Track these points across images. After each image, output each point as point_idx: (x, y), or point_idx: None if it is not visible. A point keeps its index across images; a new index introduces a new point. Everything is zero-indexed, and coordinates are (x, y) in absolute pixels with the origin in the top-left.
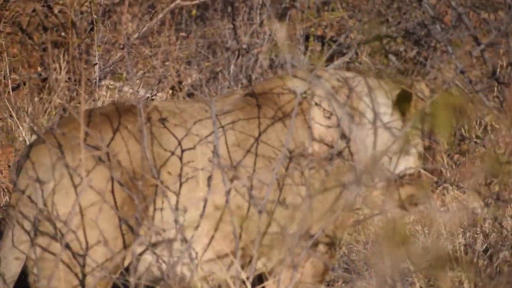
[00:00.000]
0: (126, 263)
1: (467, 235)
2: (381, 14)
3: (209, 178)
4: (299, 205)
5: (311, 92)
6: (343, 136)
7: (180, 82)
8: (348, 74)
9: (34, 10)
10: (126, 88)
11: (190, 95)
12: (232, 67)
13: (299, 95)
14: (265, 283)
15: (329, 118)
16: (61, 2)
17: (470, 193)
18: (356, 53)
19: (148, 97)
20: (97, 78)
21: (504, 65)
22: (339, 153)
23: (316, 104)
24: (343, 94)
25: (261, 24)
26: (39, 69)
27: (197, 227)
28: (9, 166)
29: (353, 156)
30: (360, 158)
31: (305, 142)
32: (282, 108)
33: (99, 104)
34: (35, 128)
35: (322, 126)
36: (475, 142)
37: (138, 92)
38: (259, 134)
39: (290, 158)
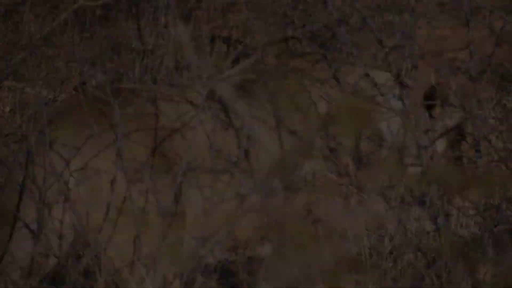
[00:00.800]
0: None
1: (372, 238)
2: (287, 16)
3: (113, 181)
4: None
5: (209, 105)
6: (242, 145)
7: (83, 83)
8: (251, 77)
9: None
10: (28, 89)
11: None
12: (137, 68)
13: (201, 107)
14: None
15: (226, 129)
16: None
17: (374, 195)
18: (262, 55)
19: (51, 98)
20: None
21: (409, 67)
22: (237, 164)
23: (213, 116)
24: (244, 101)
25: (166, 25)
26: None
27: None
28: None
29: (255, 163)
30: (263, 164)
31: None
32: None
33: (0, 105)
34: None
35: (219, 138)
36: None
37: (40, 93)
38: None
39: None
